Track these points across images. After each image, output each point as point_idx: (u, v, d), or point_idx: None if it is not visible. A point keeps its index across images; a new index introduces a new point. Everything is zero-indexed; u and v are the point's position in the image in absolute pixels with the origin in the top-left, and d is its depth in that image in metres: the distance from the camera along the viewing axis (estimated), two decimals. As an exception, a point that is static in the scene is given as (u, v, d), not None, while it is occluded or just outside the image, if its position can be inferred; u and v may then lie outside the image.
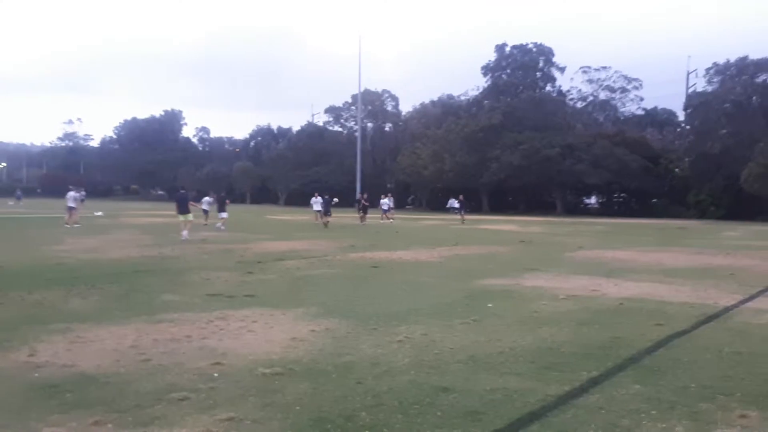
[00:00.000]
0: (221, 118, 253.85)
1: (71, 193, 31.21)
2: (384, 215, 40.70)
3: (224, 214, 29.82)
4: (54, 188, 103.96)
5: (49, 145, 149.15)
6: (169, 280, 12.38)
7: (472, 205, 43.64)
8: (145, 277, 12.77)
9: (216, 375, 5.82)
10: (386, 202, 42.02)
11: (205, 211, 33.49)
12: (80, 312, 8.82)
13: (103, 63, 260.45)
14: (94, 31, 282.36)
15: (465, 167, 67.34)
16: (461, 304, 9.91)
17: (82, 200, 65.99)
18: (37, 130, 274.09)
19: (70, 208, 30.49)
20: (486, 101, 74.63)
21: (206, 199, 34.98)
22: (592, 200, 77.58)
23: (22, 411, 4.77)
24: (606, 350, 6.94)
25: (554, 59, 76.00)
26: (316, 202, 36.92)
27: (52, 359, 6.23)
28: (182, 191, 25.21)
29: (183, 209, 23.37)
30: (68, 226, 28.78)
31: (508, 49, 76.26)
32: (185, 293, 10.75)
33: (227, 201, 31.78)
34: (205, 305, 9.53)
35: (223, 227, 28.44)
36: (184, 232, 22.49)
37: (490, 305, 9.78)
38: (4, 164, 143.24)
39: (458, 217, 43.01)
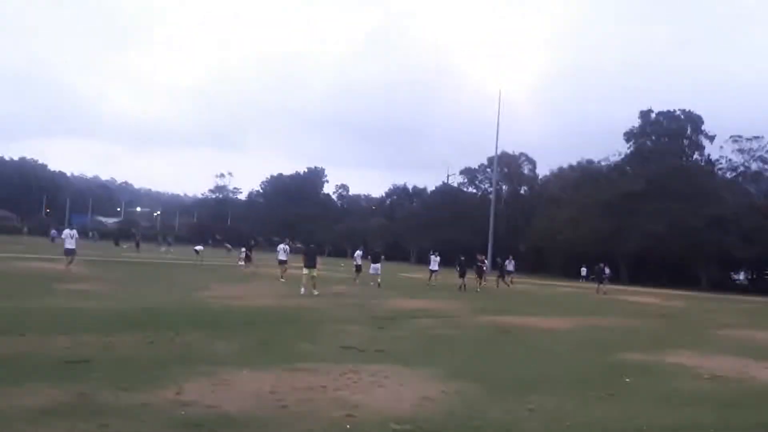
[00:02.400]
0: (359, 175, 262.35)
1: (282, 246, 30.98)
2: (501, 278, 38.40)
3: (377, 270, 29.47)
4: (202, 237, 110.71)
5: (200, 196, 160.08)
6: (306, 331, 12.82)
7: (595, 273, 40.96)
8: (284, 326, 13.34)
9: (348, 426, 5.97)
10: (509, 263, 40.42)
11: (358, 267, 31.85)
12: (224, 355, 9.33)
13: (252, 120, 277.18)
14: (245, 89, 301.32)
15: (602, 234, 65.25)
16: (596, 377, 9.60)
17: (229, 249, 69.50)
18: (191, 181, 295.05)
19: (281, 261, 29.84)
20: (628, 167, 72.57)
21: (358, 253, 33.29)
22: (741, 276, 72.68)
23: (171, 445, 5.11)
24: (754, 436, 6.50)
25: (703, 127, 73.09)
26: (434, 261, 34.40)
27: (197, 399, 6.62)
28: (312, 245, 25.04)
29: (310, 263, 22.78)
30: (283, 280, 27.71)
31: (653, 115, 74.25)
32: (320, 344, 11.11)
33: (382, 256, 31.54)
34: (339, 357, 9.80)
35: (372, 284, 28.04)
36: (306, 288, 21.95)
37: (627, 380, 9.38)
38: (159, 212, 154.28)
39: (592, 285, 40.78)
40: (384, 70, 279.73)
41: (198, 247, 47.75)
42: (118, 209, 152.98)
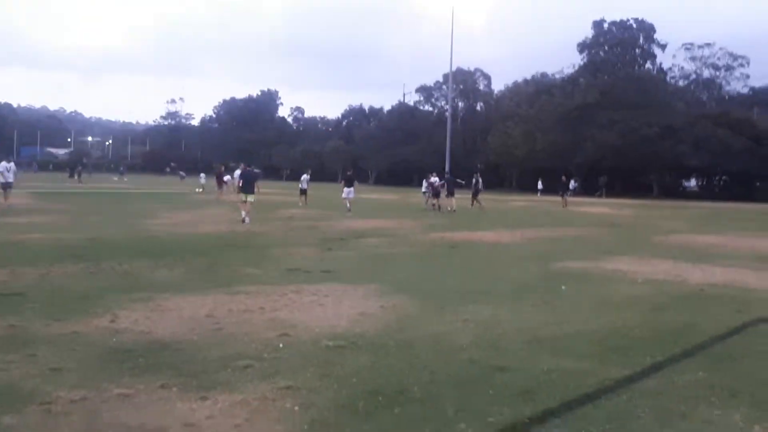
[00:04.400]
0: (315, 97, 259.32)
1: (238, 172, 28.56)
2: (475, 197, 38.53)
3: (350, 193, 28.26)
4: (156, 165, 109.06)
5: (152, 123, 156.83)
6: (253, 255, 12.82)
7: (558, 186, 40.94)
8: (231, 252, 13.29)
9: (281, 345, 6.03)
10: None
11: (303, 190, 31.70)
12: (164, 282, 9.29)
13: (203, 44, 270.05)
14: (194, 13, 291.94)
15: (558, 147, 65.81)
16: (535, 286, 9.82)
17: (182, 178, 68.76)
18: (142, 109, 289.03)
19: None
20: (582, 79, 72.66)
21: (304, 177, 32.40)
22: (692, 183, 74.43)
23: (97, 373, 5.09)
24: (676, 336, 6.74)
25: (655, 36, 73.19)
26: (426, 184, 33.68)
27: (131, 326, 6.61)
28: (249, 168, 23.36)
29: (248, 188, 20.96)
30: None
31: (606, 25, 74.02)
32: (266, 267, 11.12)
33: (355, 181, 29.88)
34: (283, 279, 9.84)
35: (349, 209, 26.89)
36: (245, 216, 20.17)
37: (563, 287, 9.63)
38: (110, 141, 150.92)
39: (548, 198, 41.18)
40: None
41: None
42: (69, 140, 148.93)
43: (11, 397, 4.52)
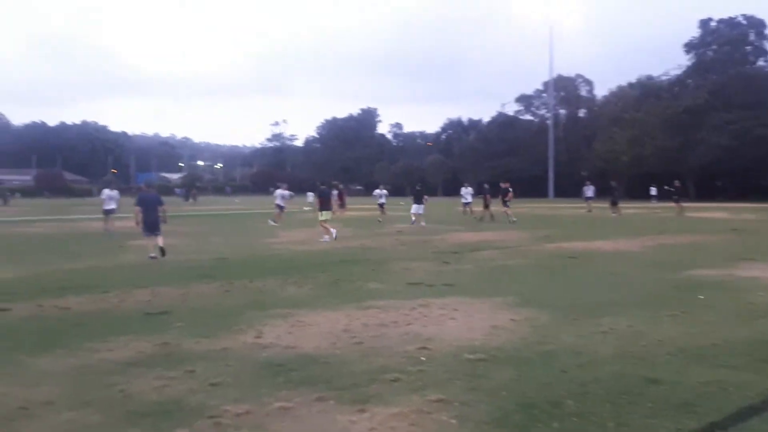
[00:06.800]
0: (413, 112, 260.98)
1: (279, 191, 30.51)
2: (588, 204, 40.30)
3: (419, 210, 26.92)
4: (263, 185, 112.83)
5: (258, 146, 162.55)
6: (372, 270, 13.01)
7: (673, 192, 39.51)
8: (351, 267, 13.54)
9: (423, 359, 6.11)
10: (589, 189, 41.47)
11: (381, 205, 32.41)
12: (296, 298, 9.59)
13: (303, 65, 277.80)
14: (292, 36, 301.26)
15: (666, 151, 63.54)
16: (668, 296, 9.51)
17: (291, 197, 70.94)
18: (248, 132, 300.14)
19: (279, 206, 29.70)
20: (690, 80, 69.92)
21: (377, 191, 33.15)
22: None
23: (255, 387, 5.30)
24: (835, 344, 6.38)
25: (766, 32, 69.51)
26: (467, 194, 34.38)
27: (276, 341, 6.86)
28: (323, 186, 22.46)
29: (325, 206, 20.56)
30: (273, 223, 28.08)
31: (713, 23, 70.91)
32: (388, 282, 11.28)
33: (425, 196, 28.04)
34: (408, 293, 9.94)
35: (413, 223, 26.57)
36: (331, 233, 19.75)
37: (701, 297, 9.28)
38: (220, 164, 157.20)
39: (661, 204, 40.19)
40: (431, 2, 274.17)
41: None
42: (181, 164, 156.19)
43: (181, 412, 4.78)
